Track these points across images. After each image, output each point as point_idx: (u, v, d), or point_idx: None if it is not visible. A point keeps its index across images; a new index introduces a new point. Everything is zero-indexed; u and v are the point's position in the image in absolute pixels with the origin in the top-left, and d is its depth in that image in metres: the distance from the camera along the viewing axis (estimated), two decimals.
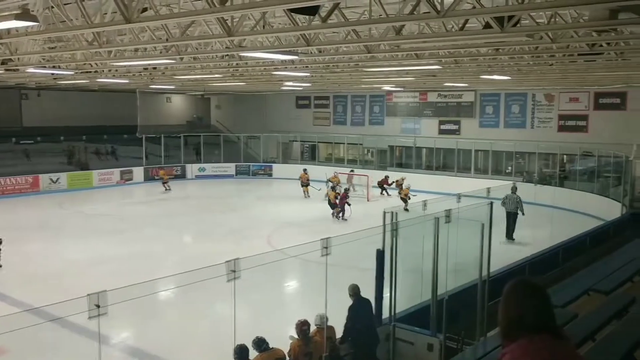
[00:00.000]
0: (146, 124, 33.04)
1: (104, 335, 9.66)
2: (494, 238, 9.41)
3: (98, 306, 4.51)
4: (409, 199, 22.29)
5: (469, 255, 9.34)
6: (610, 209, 20.56)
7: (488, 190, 11.63)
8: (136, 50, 13.08)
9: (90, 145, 32.38)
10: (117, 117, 33.00)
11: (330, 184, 25.55)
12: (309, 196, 26.77)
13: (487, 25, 8.30)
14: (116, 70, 17.60)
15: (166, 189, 28.75)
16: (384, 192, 26.77)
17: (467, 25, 9.33)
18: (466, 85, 25.58)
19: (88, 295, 4.56)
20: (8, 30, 9.92)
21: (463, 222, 10.12)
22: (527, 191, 19.63)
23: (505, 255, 13.39)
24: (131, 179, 31.20)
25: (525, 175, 27.16)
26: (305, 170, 27.98)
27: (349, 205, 21.73)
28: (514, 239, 17.70)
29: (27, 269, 14.89)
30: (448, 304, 8.68)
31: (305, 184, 27.23)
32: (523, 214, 17.90)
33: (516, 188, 18.51)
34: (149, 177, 31.82)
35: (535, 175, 26.52)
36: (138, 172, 31.68)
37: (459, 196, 11.12)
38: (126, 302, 5.33)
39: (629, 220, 19.16)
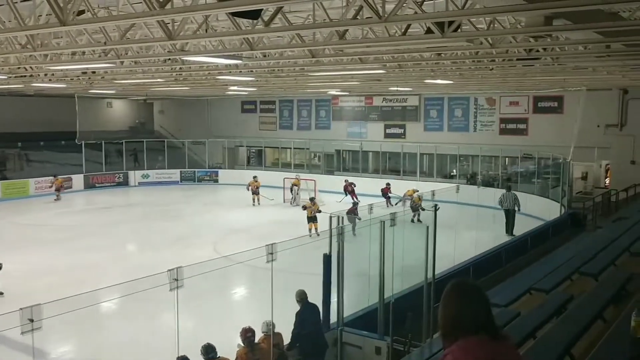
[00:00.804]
0: (86, 130, 32.02)
1: (41, 351, 9.30)
2: (445, 240, 9.50)
3: (32, 320, 4.26)
4: (423, 209, 19.55)
5: (415, 257, 9.45)
6: (549, 210, 21.21)
7: (433, 192, 11.80)
8: (74, 53, 12.65)
9: (28, 152, 31.18)
10: (55, 123, 31.85)
11: (296, 188, 25.78)
12: (258, 204, 25.95)
13: (429, 31, 8.40)
14: (52, 75, 16.99)
15: (56, 198, 27.13)
16: (389, 202, 23.21)
17: (409, 30, 9.42)
18: (411, 89, 25.95)
19: (20, 309, 4.31)
20: None
21: (409, 225, 10.26)
22: (470, 194, 20.07)
23: (450, 258, 13.60)
24: (70, 187, 30.20)
25: (469, 178, 27.78)
26: (255, 177, 26.99)
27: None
28: (514, 235, 18.31)
29: None
30: (395, 307, 8.73)
31: (255, 191, 26.27)
32: (519, 210, 18.79)
33: (510, 187, 20.67)
34: (89, 185, 30.91)
35: (478, 177, 27.14)
36: (78, 179, 30.70)
37: (402, 199, 11.26)
38: (64, 315, 5.11)
39: (567, 220, 19.81)
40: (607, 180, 25.59)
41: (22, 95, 28.83)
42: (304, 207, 19.51)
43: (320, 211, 18.47)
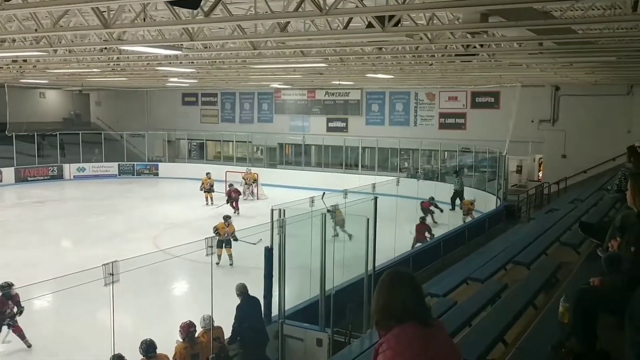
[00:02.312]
0: (17, 121, 30.68)
1: None
2: (386, 232, 9.62)
3: None
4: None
5: (356, 250, 9.55)
6: (486, 202, 21.83)
7: (373, 185, 11.93)
8: (3, 41, 12.11)
9: None
10: None
11: (244, 182, 25.40)
12: (212, 203, 23.98)
13: (370, 25, 8.46)
14: None
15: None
16: (427, 216, 18.76)
17: (351, 24, 9.47)
18: (352, 83, 26.13)
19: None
20: None
21: (350, 217, 10.34)
22: (410, 186, 20.38)
23: (389, 249, 13.81)
24: (0, 180, 28.95)
25: (410, 171, 28.26)
26: (208, 174, 25.25)
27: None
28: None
29: None
30: (336, 299, 8.80)
31: (208, 189, 24.54)
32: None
33: (457, 173, 23.60)
34: (21, 179, 29.71)
35: (418, 171, 27.64)
36: (8, 173, 29.44)
37: (345, 192, 11.34)
38: None
39: (502, 212, 20.45)
40: (540, 174, 26.57)
41: None
42: (215, 230, 14.81)
43: (235, 238, 14.62)
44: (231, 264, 14.73)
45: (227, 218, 15.84)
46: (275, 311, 9.17)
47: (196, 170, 31.48)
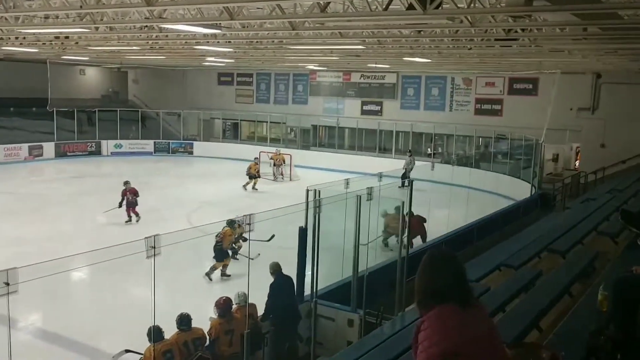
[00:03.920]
0: (58, 97, 31.34)
1: (4, 317, 9.22)
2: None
3: (7, 284, 4.24)
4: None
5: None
6: (520, 190, 21.55)
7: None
8: (47, 17, 12.34)
9: None
10: (26, 89, 31.07)
11: (272, 163, 25.36)
12: (256, 189, 23.07)
13: (411, 7, 8.38)
14: (24, 38, 16.52)
15: None
16: None
17: (390, 5, 9.39)
18: (389, 66, 25.94)
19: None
20: None
21: (384, 200, 10.34)
22: (445, 172, 20.26)
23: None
24: (41, 155, 29.68)
25: (444, 157, 28.04)
26: (256, 159, 24.13)
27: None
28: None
29: None
30: (368, 281, 8.85)
31: (254, 175, 23.34)
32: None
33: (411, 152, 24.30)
34: (60, 154, 30.39)
35: (452, 156, 27.41)
36: (48, 147, 30.15)
37: (380, 175, 11.33)
38: (35, 281, 5.07)
39: (537, 200, 20.17)
40: (577, 163, 26.08)
41: None
42: (217, 238, 12.57)
43: (245, 239, 12.50)
44: (227, 275, 12.76)
45: (232, 223, 12.69)
46: (307, 290, 9.27)
47: (230, 150, 31.87)
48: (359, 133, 30.99)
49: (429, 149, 29.45)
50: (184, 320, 7.29)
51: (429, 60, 19.58)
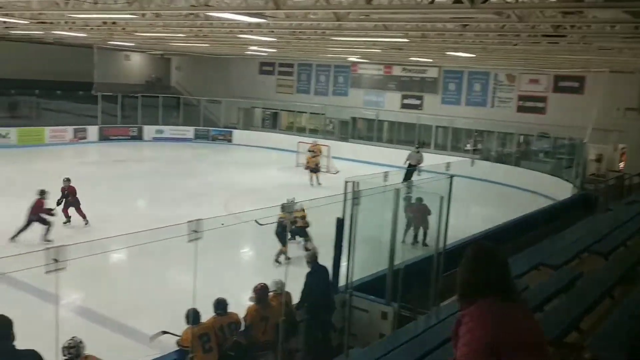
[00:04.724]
0: (102, 82, 32.03)
1: (53, 295, 9.52)
2: (455, 212, 9.53)
3: (56, 260, 4.40)
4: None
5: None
6: (562, 190, 21.15)
7: (448, 165, 11.78)
8: (95, 2, 12.59)
9: (44, 100, 31.23)
10: (73, 73, 31.85)
11: (311, 154, 25.40)
12: (319, 183, 22.28)
13: (458, 0, 8.29)
14: (73, 23, 16.90)
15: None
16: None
17: None
18: (431, 60, 25.68)
19: (46, 249, 4.45)
20: None
21: (422, 194, 10.31)
22: (483, 169, 20.02)
23: (459, 230, 13.64)
24: (85, 138, 30.41)
25: (483, 153, 27.67)
26: (312, 152, 23.50)
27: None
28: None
29: None
30: (403, 274, 8.84)
31: (313, 168, 22.71)
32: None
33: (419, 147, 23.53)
34: (103, 137, 31.08)
35: (492, 153, 27.03)
36: (92, 131, 30.86)
37: (419, 170, 11.29)
38: (77, 260, 5.21)
39: (579, 200, 19.76)
40: (622, 164, 25.40)
41: (40, 43, 28.78)
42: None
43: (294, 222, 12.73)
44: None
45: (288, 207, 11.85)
46: (342, 281, 9.31)
47: (268, 139, 32.08)
48: (397, 127, 30.80)
49: (468, 145, 29.08)
50: (220, 305, 7.41)
51: (473, 55, 19.31)
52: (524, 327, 2.65)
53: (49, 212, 13.59)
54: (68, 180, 15.21)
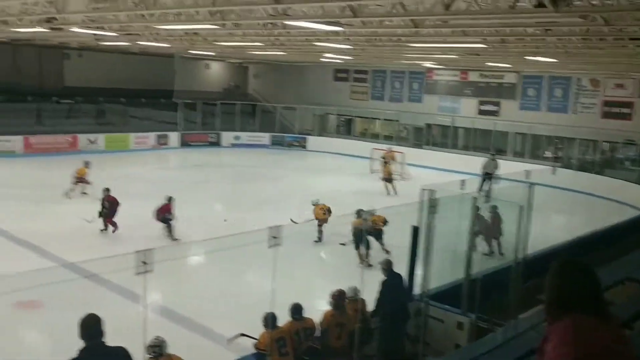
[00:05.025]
0: (183, 90, 33.23)
1: (135, 295, 9.94)
2: (534, 222, 9.25)
3: (145, 263, 4.62)
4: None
5: (505, 236, 9.26)
6: None
7: (527, 173, 11.45)
8: (179, 14, 13.10)
9: (130, 108, 32.72)
10: (155, 81, 33.28)
11: (383, 161, 25.32)
12: (396, 193, 21.72)
13: (540, 4, 8.07)
14: (157, 34, 17.65)
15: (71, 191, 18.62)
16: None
17: (518, 3, 9.09)
18: (509, 65, 25.05)
19: (136, 252, 4.68)
20: None
21: (501, 203, 10.06)
22: (565, 177, 19.30)
23: (539, 240, 13.22)
24: (166, 144, 31.61)
25: (564, 161, 26.67)
26: (384, 158, 23.39)
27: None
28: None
29: (64, 226, 15.21)
30: (481, 284, 8.65)
31: (387, 178, 22.29)
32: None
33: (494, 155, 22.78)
34: (184, 143, 32.19)
35: (574, 161, 26.01)
36: (174, 137, 32.05)
37: (497, 178, 11.04)
38: (161, 262, 5.43)
39: None
40: None
41: (126, 53, 30.24)
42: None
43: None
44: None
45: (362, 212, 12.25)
46: (416, 290, 9.22)
47: (343, 146, 32.24)
48: (474, 133, 30.20)
49: (547, 152, 28.10)
50: (297, 310, 7.50)
51: (554, 60, 18.70)
52: (615, 346, 2.55)
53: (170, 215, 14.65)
54: (108, 190, 15.33)
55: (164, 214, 14.53)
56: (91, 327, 4.87)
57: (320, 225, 14.84)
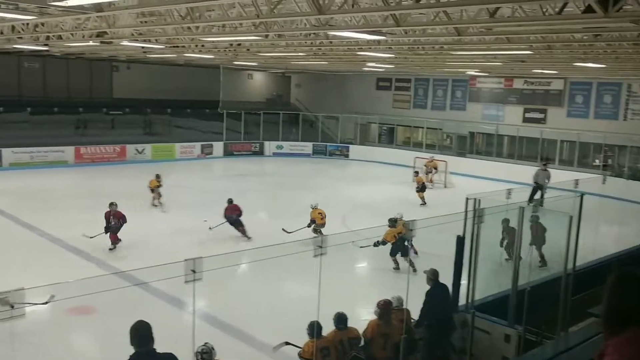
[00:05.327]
0: (227, 100, 33.76)
1: (181, 302, 10.09)
2: (583, 232, 9.02)
3: (194, 271, 4.70)
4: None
5: (553, 247, 9.06)
6: None
7: (576, 182, 11.19)
8: (224, 26, 13.34)
9: (176, 118, 33.40)
10: (200, 92, 33.92)
11: (425, 169, 25.16)
12: (424, 203, 21.42)
13: (589, 9, 7.90)
14: (202, 46, 18.00)
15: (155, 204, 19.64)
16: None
17: (565, 8, 8.93)
18: (556, 72, 24.55)
19: (185, 260, 4.77)
20: (110, 3, 10.31)
21: (549, 213, 9.84)
22: (616, 186, 18.76)
23: (589, 251, 12.88)
24: (211, 153, 32.11)
25: (615, 169, 25.91)
26: (417, 172, 23.52)
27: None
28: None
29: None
30: (528, 296, 8.47)
31: (420, 188, 21.78)
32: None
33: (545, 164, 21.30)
34: (228, 152, 32.63)
35: (625, 169, 25.25)
36: (218, 146, 32.53)
37: (545, 187, 10.81)
38: (211, 271, 5.50)
39: None
40: None
41: (172, 65, 30.93)
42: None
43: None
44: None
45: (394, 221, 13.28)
46: (461, 300, 9.09)
47: (385, 155, 32.14)
48: (519, 141, 29.66)
49: (596, 161, 27.35)
50: (341, 319, 7.48)
51: (603, 66, 18.24)
52: None
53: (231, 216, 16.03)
54: (114, 205, 14.67)
55: (230, 214, 15.92)
56: (141, 333, 4.98)
57: (316, 230, 15.23)
